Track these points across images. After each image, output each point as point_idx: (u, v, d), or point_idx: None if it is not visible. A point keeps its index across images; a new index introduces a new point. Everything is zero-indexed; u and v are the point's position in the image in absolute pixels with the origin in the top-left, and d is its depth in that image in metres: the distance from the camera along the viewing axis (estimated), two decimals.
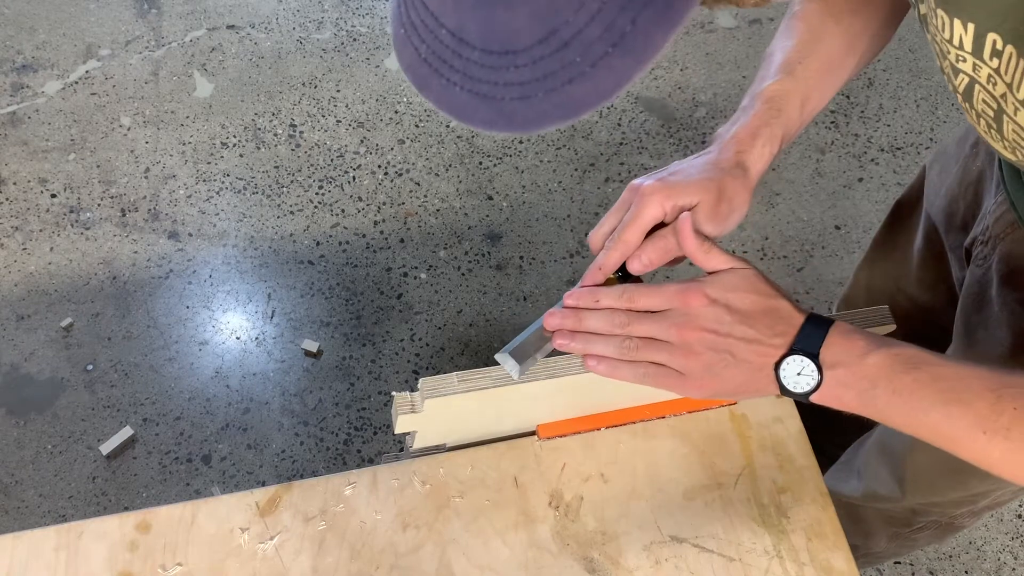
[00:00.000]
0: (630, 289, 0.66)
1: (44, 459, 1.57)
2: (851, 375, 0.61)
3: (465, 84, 0.41)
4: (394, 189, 1.92)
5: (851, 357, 0.61)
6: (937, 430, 0.60)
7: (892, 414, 0.61)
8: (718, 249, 0.66)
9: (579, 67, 0.39)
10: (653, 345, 0.65)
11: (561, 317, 0.68)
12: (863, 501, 1.10)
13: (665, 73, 2.14)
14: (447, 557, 0.76)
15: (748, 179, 0.71)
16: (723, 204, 0.69)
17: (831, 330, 0.63)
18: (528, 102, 0.40)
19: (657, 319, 0.65)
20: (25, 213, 1.85)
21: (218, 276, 1.79)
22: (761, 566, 0.77)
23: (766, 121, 0.72)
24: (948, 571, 1.53)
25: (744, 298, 0.64)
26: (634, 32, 0.38)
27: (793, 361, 0.62)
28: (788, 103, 0.72)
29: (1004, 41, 0.54)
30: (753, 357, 0.63)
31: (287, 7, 2.22)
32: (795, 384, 0.63)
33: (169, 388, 1.65)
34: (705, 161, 0.71)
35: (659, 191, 0.68)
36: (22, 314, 1.72)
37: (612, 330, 0.66)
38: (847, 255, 1.86)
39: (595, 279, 0.69)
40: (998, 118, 0.60)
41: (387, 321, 1.74)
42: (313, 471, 1.58)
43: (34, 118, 2.00)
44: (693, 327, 0.63)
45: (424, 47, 0.42)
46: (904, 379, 0.60)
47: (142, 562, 0.75)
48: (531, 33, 0.38)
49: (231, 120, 2.02)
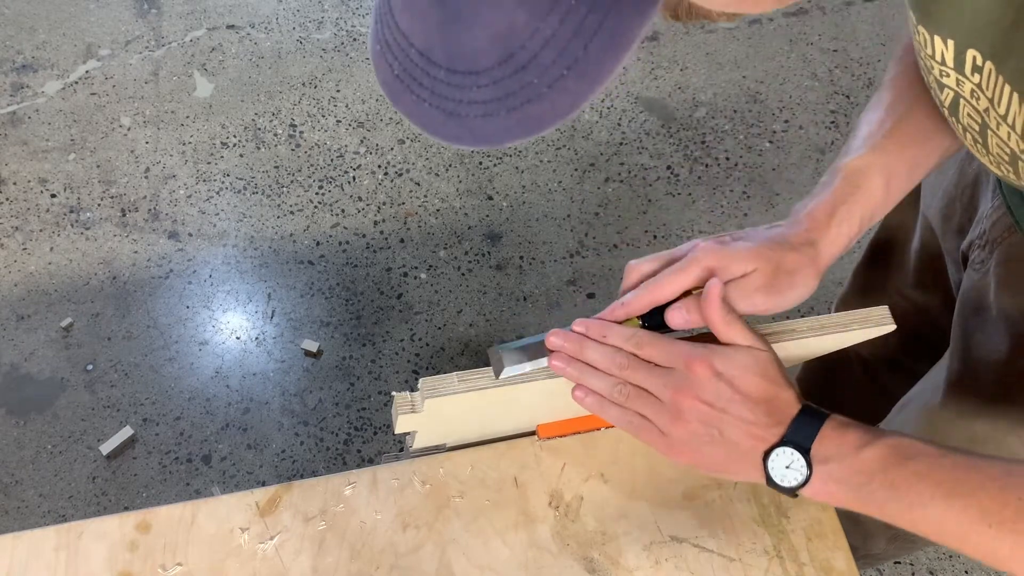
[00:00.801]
0: (640, 335, 0.65)
1: (44, 459, 1.57)
2: (844, 470, 0.59)
3: (433, 101, 0.42)
4: (394, 189, 1.92)
5: (845, 451, 0.60)
6: (940, 525, 0.57)
7: (890, 509, 0.59)
8: (741, 323, 0.64)
9: (537, 88, 0.40)
10: (645, 397, 0.64)
11: (563, 338, 0.66)
12: None
13: (665, 73, 2.14)
14: (447, 557, 0.76)
15: (818, 258, 0.67)
16: (782, 277, 0.66)
17: (825, 424, 0.61)
18: (491, 119, 0.41)
19: (657, 374, 0.63)
20: (25, 213, 1.85)
21: (218, 276, 1.79)
22: (761, 566, 0.77)
23: (843, 199, 0.68)
24: (948, 571, 1.53)
25: (751, 380, 0.62)
26: (586, 57, 0.39)
27: (783, 453, 0.61)
28: (869, 179, 0.68)
29: (983, 57, 0.53)
30: (742, 440, 0.62)
31: (287, 7, 2.23)
32: (782, 477, 0.61)
33: (169, 388, 1.65)
34: (774, 233, 0.68)
35: (714, 253, 0.65)
36: (22, 314, 1.72)
37: (609, 369, 0.65)
38: (847, 255, 1.85)
39: (615, 316, 0.67)
40: (983, 132, 0.60)
41: (387, 321, 1.74)
42: (313, 471, 1.58)
43: (34, 118, 2.00)
44: (689, 394, 0.62)
45: (397, 64, 0.43)
46: (901, 471, 0.58)
47: (142, 562, 0.75)
48: (491, 55, 0.40)
49: (231, 120, 2.02)
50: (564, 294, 1.79)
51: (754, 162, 1.99)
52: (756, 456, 0.62)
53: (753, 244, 0.66)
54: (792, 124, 2.06)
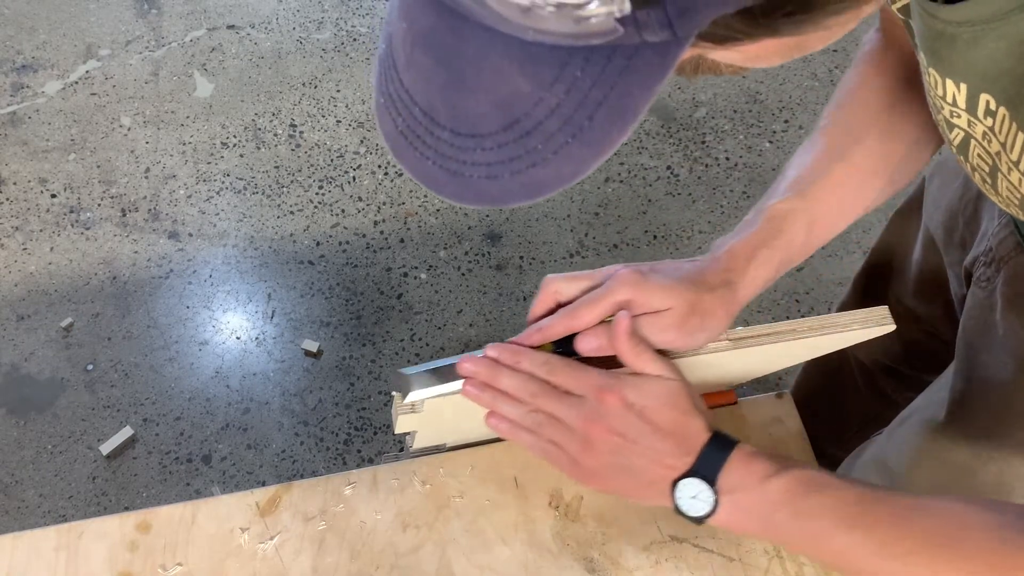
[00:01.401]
0: (553, 362, 0.65)
1: (44, 459, 1.57)
2: (750, 500, 0.60)
3: (436, 160, 0.42)
4: (394, 189, 1.92)
5: (751, 481, 0.60)
6: (842, 556, 0.59)
7: (795, 539, 0.60)
8: (651, 353, 0.64)
9: (541, 153, 0.40)
10: (556, 426, 0.64)
11: (476, 365, 0.66)
12: None
13: None
14: (447, 557, 0.76)
15: (733, 300, 0.67)
16: (694, 318, 0.66)
17: (732, 454, 0.61)
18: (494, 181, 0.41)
19: (568, 404, 0.63)
20: (25, 213, 1.85)
21: (218, 276, 1.79)
22: (761, 566, 0.77)
23: (765, 241, 0.68)
24: None
25: (661, 412, 0.62)
26: (591, 127, 0.39)
27: (689, 484, 0.61)
28: (792, 224, 0.68)
29: (997, 103, 0.52)
30: (651, 469, 0.62)
31: (287, 7, 2.23)
32: (689, 507, 0.61)
33: (169, 388, 1.65)
34: (693, 267, 0.68)
35: (633, 284, 0.65)
36: (22, 314, 1.72)
37: (522, 397, 0.65)
38: (847, 255, 1.86)
39: (530, 341, 0.67)
40: (993, 174, 0.59)
41: (387, 321, 1.74)
42: (313, 471, 1.58)
43: (34, 118, 2.00)
44: (600, 425, 0.62)
45: (400, 120, 0.43)
46: (806, 503, 0.59)
47: (142, 562, 0.75)
48: (494, 120, 0.39)
49: (231, 120, 2.02)
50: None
51: (754, 162, 1.99)
52: (664, 485, 0.62)
53: (671, 282, 0.66)
54: (792, 124, 2.06)
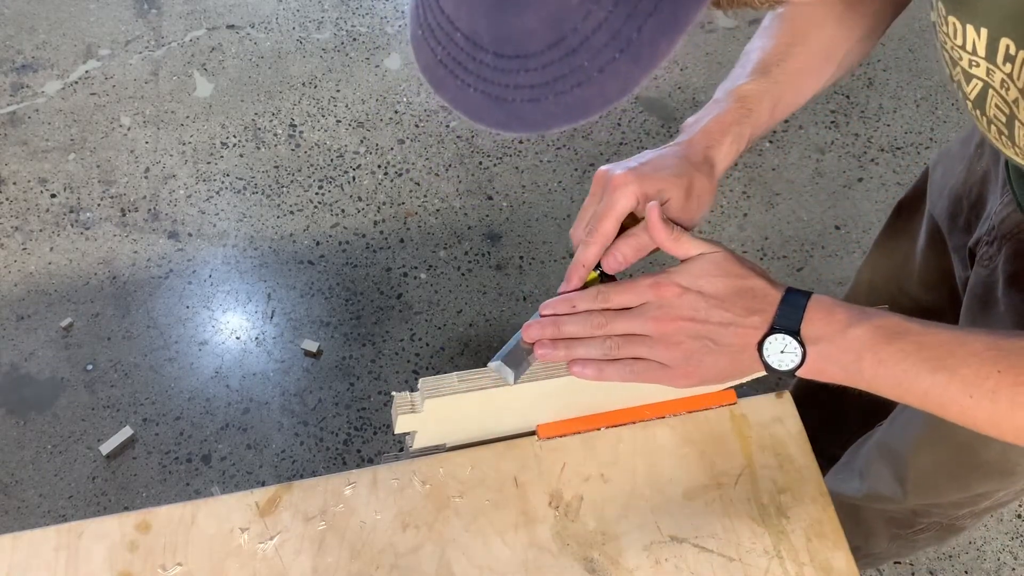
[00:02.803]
0: (604, 289, 0.67)
1: (44, 459, 1.57)
2: (834, 349, 0.62)
3: (479, 86, 0.42)
4: (394, 189, 1.92)
5: (833, 331, 0.62)
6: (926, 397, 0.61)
7: (879, 385, 0.62)
8: (687, 235, 0.66)
9: (587, 72, 0.39)
10: (634, 341, 0.65)
11: (539, 327, 0.68)
12: (864, 502, 1.10)
13: (665, 73, 2.14)
14: (447, 557, 0.76)
15: (713, 176, 0.71)
16: (692, 200, 0.69)
17: (810, 304, 0.63)
18: (538, 104, 0.41)
19: (634, 315, 0.65)
20: (25, 213, 1.85)
21: (218, 276, 1.79)
22: (761, 566, 0.77)
23: (737, 119, 0.71)
24: (948, 571, 1.53)
25: (716, 282, 0.64)
26: (640, 40, 0.38)
27: (775, 340, 0.63)
28: (760, 104, 0.72)
29: (1017, 46, 0.54)
30: (734, 340, 0.63)
31: (287, 7, 2.23)
32: (779, 362, 0.63)
33: (169, 388, 1.65)
34: (674, 153, 0.71)
35: (632, 181, 0.67)
36: (22, 314, 1.72)
37: (591, 332, 0.66)
38: (847, 255, 1.86)
39: (579, 276, 0.69)
40: (1010, 124, 0.60)
41: (387, 321, 1.74)
42: (313, 471, 1.58)
43: (34, 118, 2.00)
44: (670, 318, 0.64)
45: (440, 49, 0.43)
46: (888, 349, 0.60)
47: (142, 562, 0.75)
48: (541, 38, 0.39)
49: (231, 120, 2.02)
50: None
51: (754, 162, 1.99)
52: (752, 350, 0.64)
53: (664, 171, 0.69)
54: (792, 124, 2.06)
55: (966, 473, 0.92)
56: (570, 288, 0.69)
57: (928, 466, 0.97)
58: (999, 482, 0.92)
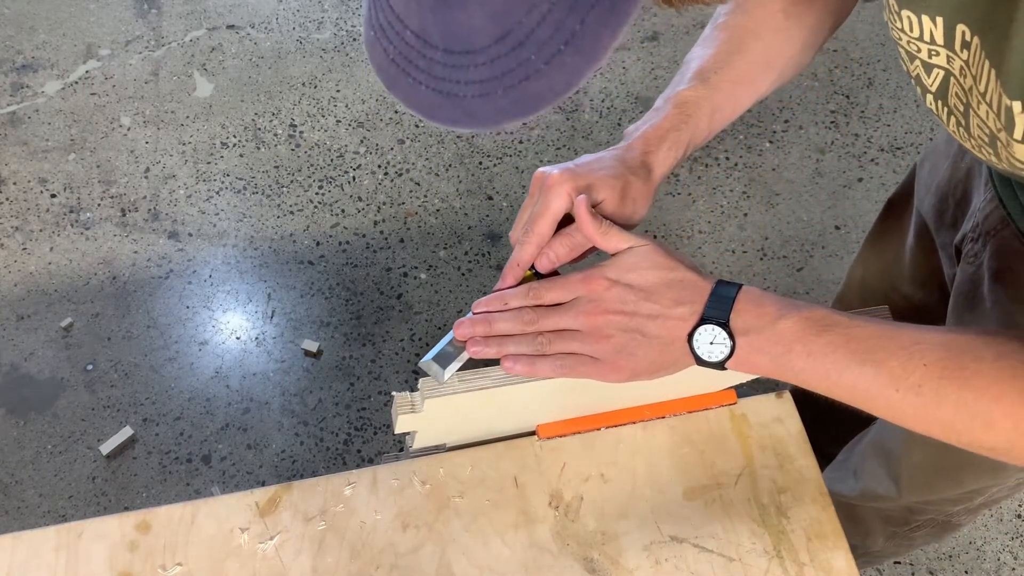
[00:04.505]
0: (535, 286, 0.67)
1: (44, 459, 1.57)
2: (764, 340, 0.62)
3: (430, 83, 0.43)
4: (394, 189, 1.92)
5: (762, 322, 0.62)
6: (853, 390, 0.61)
7: (807, 377, 0.62)
8: (616, 229, 0.67)
9: (534, 64, 0.40)
10: (564, 336, 0.65)
11: (471, 325, 0.68)
12: (860, 500, 1.10)
13: (665, 73, 2.14)
14: (447, 557, 0.77)
15: (651, 180, 0.71)
16: (627, 203, 0.70)
17: (739, 296, 0.63)
18: (488, 99, 0.42)
19: (564, 310, 0.65)
20: (25, 213, 1.85)
21: (218, 276, 1.79)
22: (761, 566, 0.77)
23: (675, 125, 0.72)
24: (948, 571, 1.53)
25: (644, 275, 0.64)
26: (583, 31, 0.39)
27: (705, 331, 0.63)
28: (698, 110, 0.73)
29: (971, 32, 0.54)
30: (663, 332, 0.64)
31: (287, 7, 2.23)
32: (709, 353, 0.63)
33: (169, 388, 1.65)
34: (612, 156, 0.71)
35: (566, 180, 0.68)
36: (22, 314, 1.72)
37: (523, 329, 0.66)
38: (847, 255, 1.86)
39: (515, 275, 0.70)
40: (966, 114, 0.61)
41: (387, 321, 1.74)
42: (313, 471, 1.58)
43: (34, 118, 2.00)
44: (598, 311, 0.64)
45: (392, 48, 0.44)
46: (818, 341, 0.60)
47: (142, 562, 0.75)
48: (487, 33, 0.40)
49: (231, 120, 2.02)
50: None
51: (754, 162, 1.99)
52: (682, 342, 0.64)
53: (599, 172, 0.69)
54: (792, 124, 2.06)
55: (958, 469, 0.93)
56: (505, 287, 0.70)
57: (921, 463, 0.97)
58: (991, 478, 0.92)
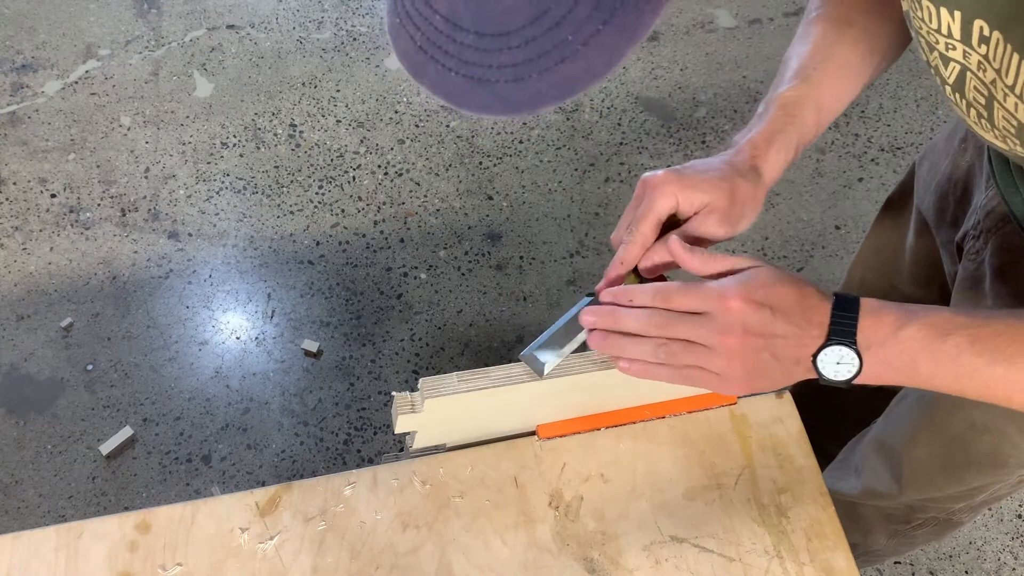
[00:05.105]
0: (664, 289, 0.64)
1: (44, 459, 1.57)
2: (888, 353, 0.61)
3: (460, 69, 0.41)
4: (394, 189, 1.92)
5: (885, 334, 0.60)
6: (987, 389, 0.60)
7: (938, 383, 0.61)
8: (720, 255, 0.65)
9: (571, 46, 0.39)
10: (692, 349, 0.63)
11: (597, 315, 0.66)
12: (861, 499, 1.10)
13: (665, 73, 2.14)
14: (447, 557, 0.76)
15: (761, 184, 0.70)
16: (736, 207, 0.69)
17: (860, 311, 0.61)
18: (522, 84, 0.40)
19: (698, 323, 0.62)
20: (25, 213, 1.85)
21: (218, 276, 1.79)
22: (761, 566, 0.77)
23: (781, 127, 0.71)
24: (948, 571, 1.53)
25: (782, 292, 0.62)
26: (624, 9, 0.38)
27: (830, 352, 0.61)
28: (803, 109, 0.72)
29: (991, 27, 0.54)
30: (793, 352, 0.62)
31: (287, 7, 2.23)
32: (835, 373, 0.61)
33: (169, 388, 1.65)
34: (720, 160, 0.71)
35: (671, 181, 0.67)
36: (22, 314, 1.72)
37: (649, 331, 0.64)
38: (847, 255, 1.86)
39: (617, 272, 0.69)
40: (989, 106, 0.60)
41: (387, 321, 1.74)
42: (313, 471, 1.58)
43: (34, 118, 2.00)
44: (737, 332, 0.61)
45: (419, 34, 0.42)
46: (943, 347, 0.59)
47: (142, 562, 0.75)
48: (523, 14, 0.39)
49: (231, 120, 2.02)
50: (564, 294, 1.79)
51: None
52: (807, 361, 0.62)
53: (706, 176, 0.68)
54: None
55: (959, 466, 0.93)
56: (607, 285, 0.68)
57: (922, 460, 0.97)
58: (993, 475, 0.92)
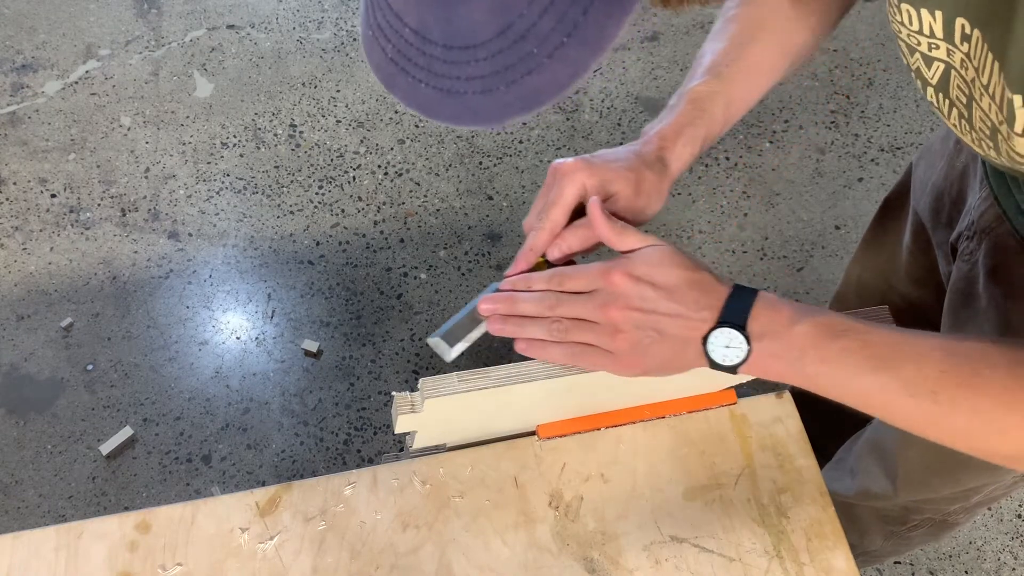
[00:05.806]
0: (559, 272, 0.67)
1: (44, 459, 1.57)
2: (779, 345, 0.61)
3: (430, 80, 0.42)
4: (394, 189, 1.92)
5: (778, 327, 0.61)
6: (867, 396, 0.60)
7: (821, 382, 0.61)
8: (631, 229, 0.67)
9: (537, 58, 0.40)
10: (581, 326, 0.65)
11: (494, 301, 0.69)
12: (857, 499, 1.10)
13: (665, 73, 2.14)
14: (447, 557, 0.76)
15: (666, 175, 0.72)
16: (641, 196, 0.70)
17: (756, 301, 0.62)
18: (490, 95, 0.41)
19: (584, 300, 0.65)
20: (25, 213, 1.85)
21: (218, 276, 1.79)
22: (761, 566, 0.77)
23: (690, 120, 0.72)
24: (948, 571, 1.53)
25: (667, 273, 0.64)
26: (586, 23, 0.39)
27: (721, 334, 0.62)
28: (713, 104, 0.73)
29: (971, 26, 0.55)
30: (680, 332, 0.63)
31: (287, 7, 2.23)
32: (724, 357, 0.62)
33: (169, 388, 1.65)
34: (628, 150, 0.72)
35: (580, 169, 0.68)
36: (22, 314, 1.72)
37: (542, 312, 0.66)
38: (847, 255, 1.86)
39: (528, 261, 0.70)
40: (969, 106, 0.61)
41: (387, 321, 1.74)
42: (313, 471, 1.58)
43: (34, 118, 2.00)
44: (618, 306, 0.64)
45: (390, 46, 0.43)
46: (832, 347, 0.60)
47: (142, 562, 0.75)
48: (489, 27, 0.40)
49: (231, 120, 2.02)
50: None
51: (754, 162, 1.99)
52: (697, 343, 0.63)
53: (614, 165, 0.69)
54: (792, 124, 2.06)
55: (954, 468, 0.93)
56: (517, 272, 0.70)
57: (917, 462, 0.97)
58: (987, 476, 0.92)
